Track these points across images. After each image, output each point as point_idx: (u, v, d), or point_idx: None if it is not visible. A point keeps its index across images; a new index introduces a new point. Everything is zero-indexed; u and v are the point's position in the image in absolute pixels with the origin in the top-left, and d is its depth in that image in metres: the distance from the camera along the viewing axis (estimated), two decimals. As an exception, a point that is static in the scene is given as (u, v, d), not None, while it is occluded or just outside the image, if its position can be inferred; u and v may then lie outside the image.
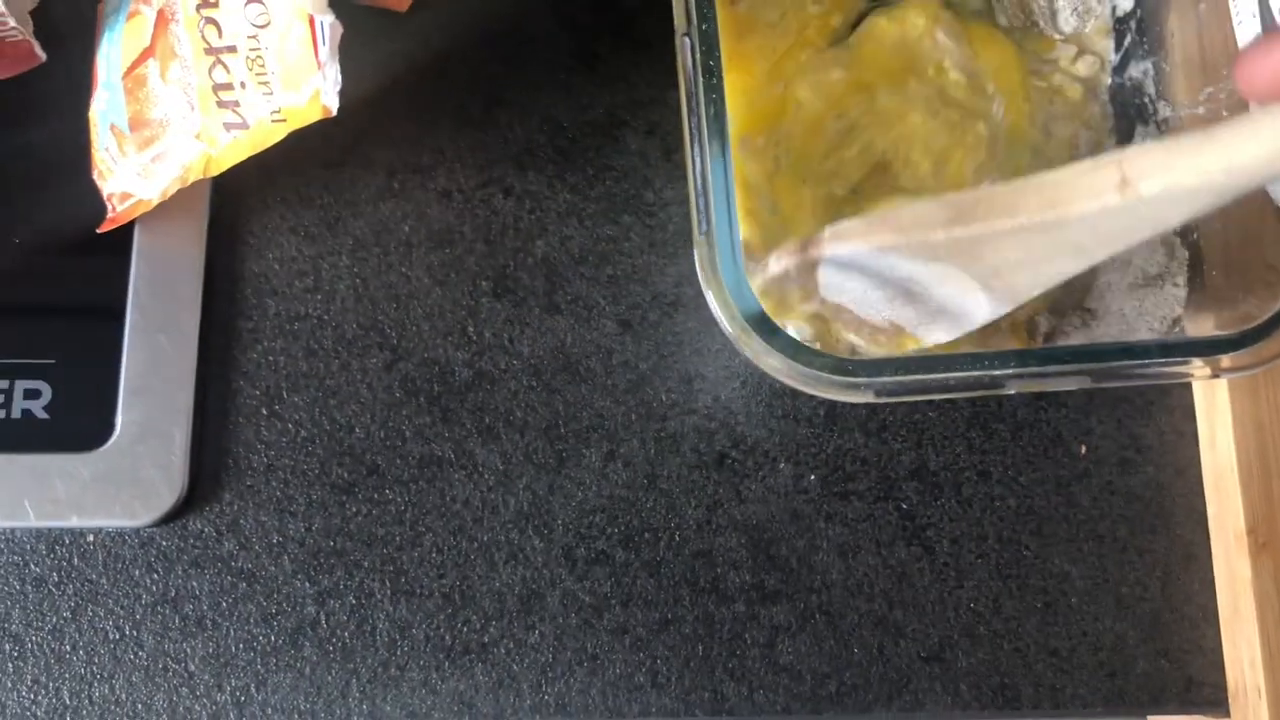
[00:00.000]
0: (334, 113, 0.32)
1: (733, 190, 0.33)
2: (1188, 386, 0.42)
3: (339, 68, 0.32)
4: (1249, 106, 0.36)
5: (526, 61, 0.43)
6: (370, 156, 0.42)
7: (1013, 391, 0.34)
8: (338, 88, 0.32)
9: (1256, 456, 0.40)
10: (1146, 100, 0.42)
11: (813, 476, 0.40)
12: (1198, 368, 0.33)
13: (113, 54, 0.39)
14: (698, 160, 0.33)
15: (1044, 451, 0.41)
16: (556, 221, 0.42)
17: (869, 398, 0.32)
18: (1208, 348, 0.33)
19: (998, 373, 0.32)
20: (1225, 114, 0.38)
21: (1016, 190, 0.29)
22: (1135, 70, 0.42)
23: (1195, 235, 0.40)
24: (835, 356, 0.32)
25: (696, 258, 0.33)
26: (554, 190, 0.42)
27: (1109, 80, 0.43)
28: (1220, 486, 0.41)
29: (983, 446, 0.41)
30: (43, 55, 0.39)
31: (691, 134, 0.33)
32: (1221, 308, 0.39)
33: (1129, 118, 0.42)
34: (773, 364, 0.32)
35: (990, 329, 0.37)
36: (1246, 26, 0.38)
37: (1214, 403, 0.41)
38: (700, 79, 0.32)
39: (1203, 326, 0.39)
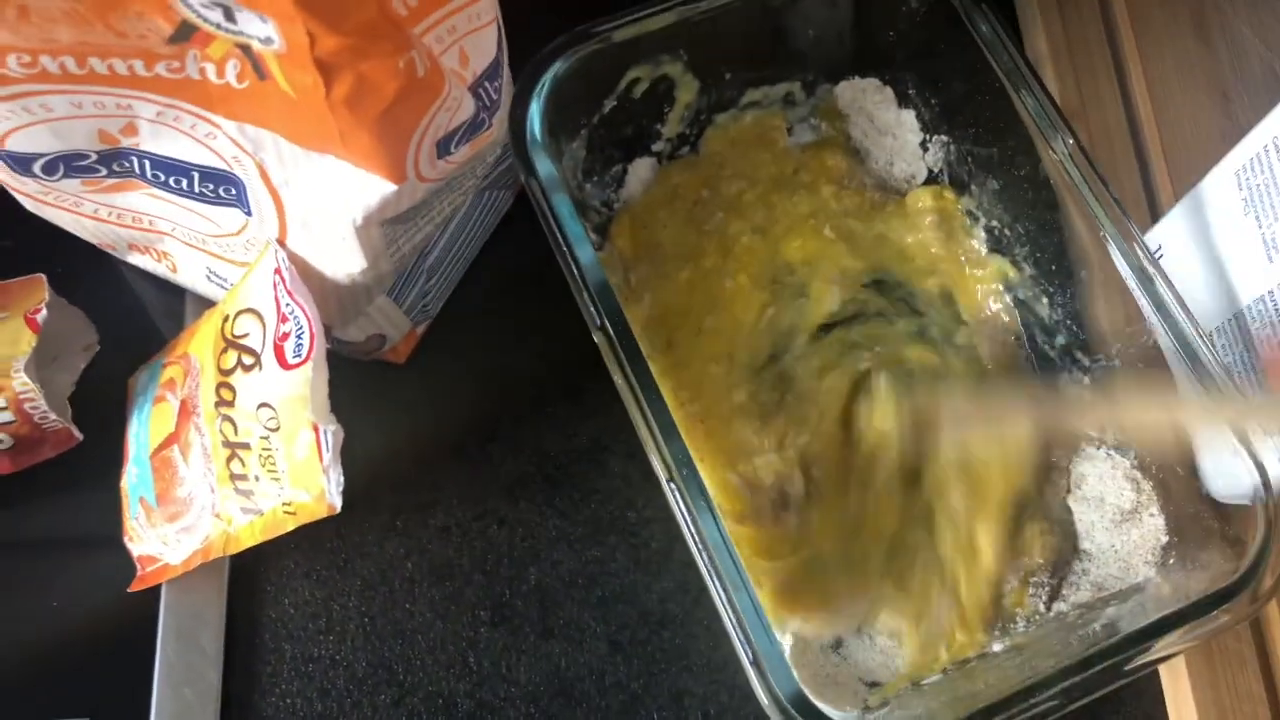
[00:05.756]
0: (338, 510, 0.36)
1: (759, 607, 0.35)
2: (1154, 673, 0.44)
3: (341, 470, 0.36)
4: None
5: (516, 398, 0.47)
6: (375, 498, 0.46)
7: (1072, 708, 0.36)
8: (340, 488, 0.36)
9: (1224, 743, 0.42)
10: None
11: (801, 787, 0.42)
12: (1226, 616, 0.36)
13: (141, 433, 0.43)
14: (722, 595, 0.35)
15: (1021, 746, 0.43)
16: (547, 547, 0.45)
17: None
18: (1203, 607, 0.36)
19: (1052, 693, 0.35)
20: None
21: None
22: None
23: (1155, 470, 0.43)
24: None
25: (753, 680, 0.35)
26: (544, 516, 0.46)
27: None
28: (1193, 776, 0.42)
29: (961, 745, 0.43)
30: (79, 436, 0.43)
31: (708, 570, 0.35)
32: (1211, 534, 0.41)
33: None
34: None
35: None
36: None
37: (1179, 689, 0.43)
38: (694, 519, 0.36)
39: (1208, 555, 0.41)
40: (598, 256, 0.39)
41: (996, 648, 0.42)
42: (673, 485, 0.36)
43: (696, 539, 0.36)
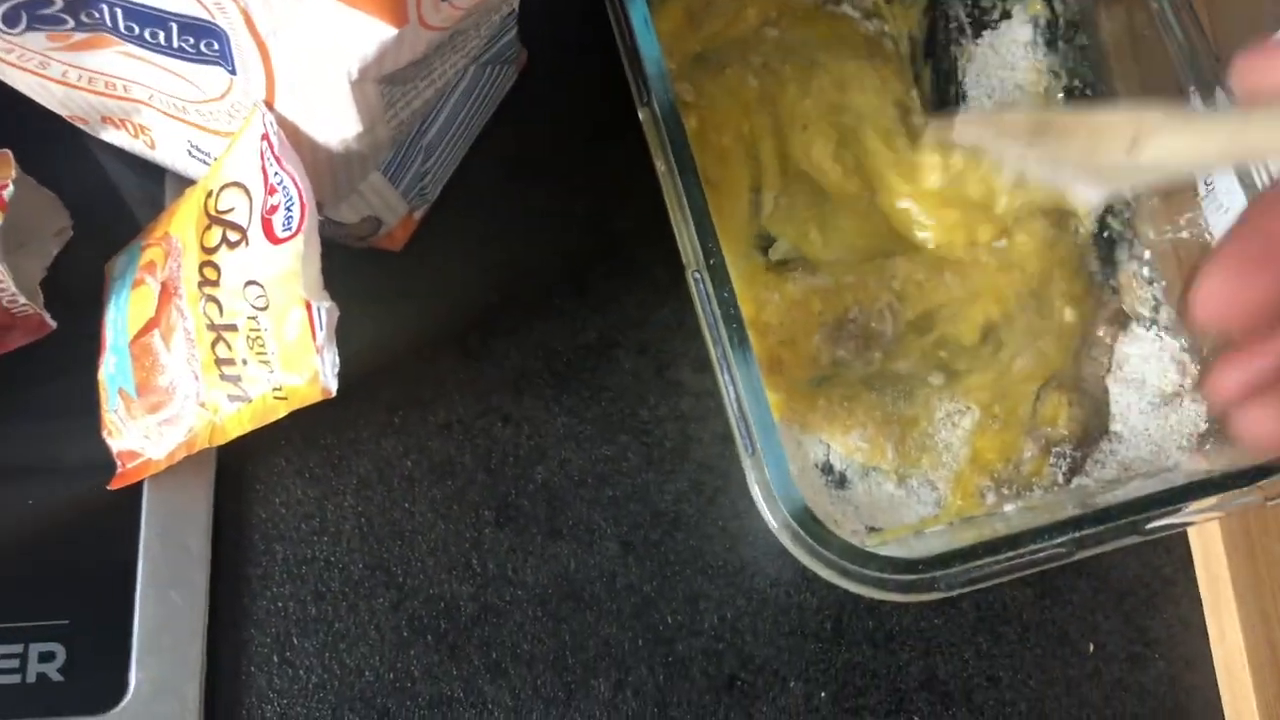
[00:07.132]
0: (333, 394, 0.33)
1: (768, 409, 0.34)
2: (1193, 577, 0.42)
3: (336, 350, 0.33)
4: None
5: (520, 291, 0.44)
6: (372, 393, 0.43)
7: (1079, 557, 0.34)
8: (335, 370, 0.33)
9: (1267, 649, 0.40)
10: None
11: (824, 694, 0.40)
12: (1246, 496, 0.34)
13: (119, 320, 0.40)
14: (731, 388, 0.33)
15: (1052, 652, 0.41)
16: (555, 445, 0.43)
17: (939, 594, 0.32)
18: (1238, 479, 0.34)
19: (1062, 540, 0.33)
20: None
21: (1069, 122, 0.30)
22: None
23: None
24: (903, 559, 0.32)
25: (750, 477, 0.34)
26: (551, 414, 0.43)
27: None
28: (1233, 682, 0.41)
29: (990, 651, 0.41)
30: (53, 324, 0.40)
31: (720, 363, 0.34)
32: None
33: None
34: (839, 576, 0.33)
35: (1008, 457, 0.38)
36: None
37: (1219, 595, 0.41)
38: (718, 311, 0.34)
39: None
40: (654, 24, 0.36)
41: (1008, 508, 0.40)
42: (697, 276, 0.34)
43: (715, 331, 0.34)
